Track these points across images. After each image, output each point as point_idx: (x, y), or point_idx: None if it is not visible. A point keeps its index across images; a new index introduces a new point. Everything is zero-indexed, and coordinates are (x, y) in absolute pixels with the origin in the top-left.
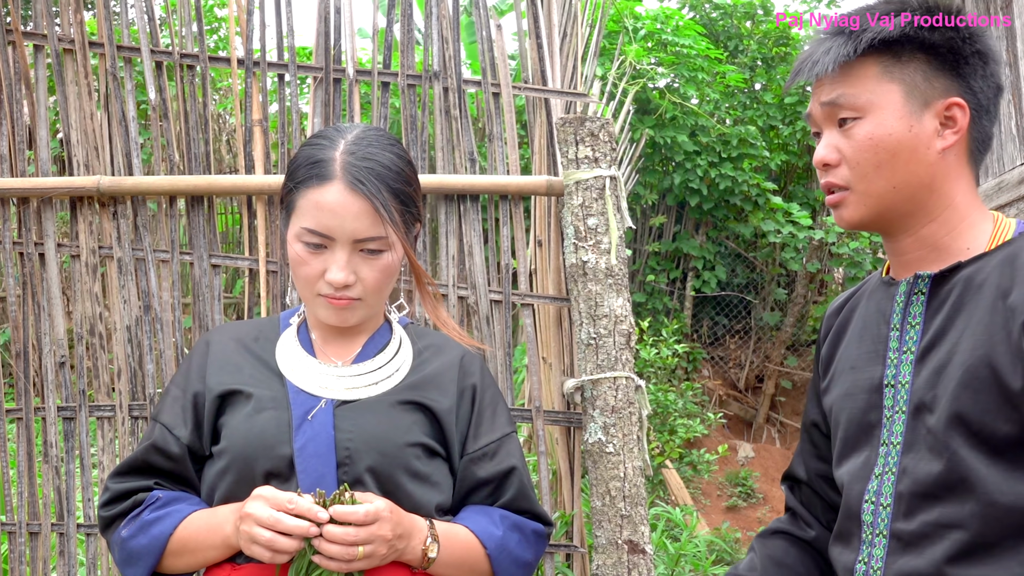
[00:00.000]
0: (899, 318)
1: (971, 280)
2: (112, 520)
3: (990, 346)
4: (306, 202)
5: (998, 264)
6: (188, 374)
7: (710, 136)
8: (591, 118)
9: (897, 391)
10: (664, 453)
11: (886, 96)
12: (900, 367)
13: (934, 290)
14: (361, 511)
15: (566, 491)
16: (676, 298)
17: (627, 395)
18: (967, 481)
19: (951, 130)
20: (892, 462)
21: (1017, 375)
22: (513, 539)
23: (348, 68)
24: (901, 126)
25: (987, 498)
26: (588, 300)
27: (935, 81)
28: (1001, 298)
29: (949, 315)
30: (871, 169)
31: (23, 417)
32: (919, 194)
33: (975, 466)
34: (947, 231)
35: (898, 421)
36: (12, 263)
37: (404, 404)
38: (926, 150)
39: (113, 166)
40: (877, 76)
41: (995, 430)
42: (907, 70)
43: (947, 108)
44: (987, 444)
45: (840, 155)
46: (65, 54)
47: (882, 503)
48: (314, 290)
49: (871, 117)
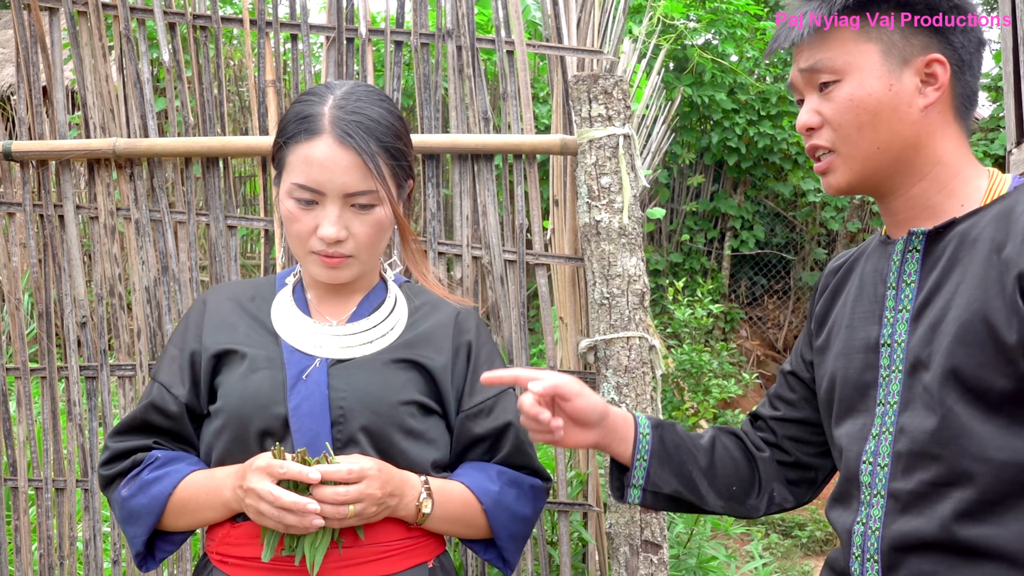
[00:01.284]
0: (895, 276)
1: (966, 235)
2: (112, 479)
3: (984, 301)
4: (296, 157)
5: (993, 218)
6: (185, 333)
7: (749, 94)
8: (604, 75)
9: (893, 350)
10: (698, 413)
11: (864, 57)
12: (896, 326)
13: (929, 247)
14: (344, 468)
15: (581, 450)
16: (714, 258)
17: (640, 355)
18: (963, 438)
19: (932, 87)
20: (889, 422)
21: (1012, 329)
22: (511, 494)
23: (361, 27)
24: (881, 85)
25: (983, 454)
26: (601, 260)
27: (913, 38)
28: (996, 252)
29: (944, 271)
30: (853, 130)
31: (47, 376)
32: (904, 153)
33: (970, 423)
34: (938, 189)
35: (895, 380)
36: (33, 225)
37: (398, 362)
38: (908, 108)
39: (129, 128)
40: (854, 37)
41: (991, 385)
42: (883, 29)
43: (927, 65)
44: (983, 400)
45: (822, 118)
46: (79, 16)
47: (880, 463)
48: (307, 247)
49: (850, 79)
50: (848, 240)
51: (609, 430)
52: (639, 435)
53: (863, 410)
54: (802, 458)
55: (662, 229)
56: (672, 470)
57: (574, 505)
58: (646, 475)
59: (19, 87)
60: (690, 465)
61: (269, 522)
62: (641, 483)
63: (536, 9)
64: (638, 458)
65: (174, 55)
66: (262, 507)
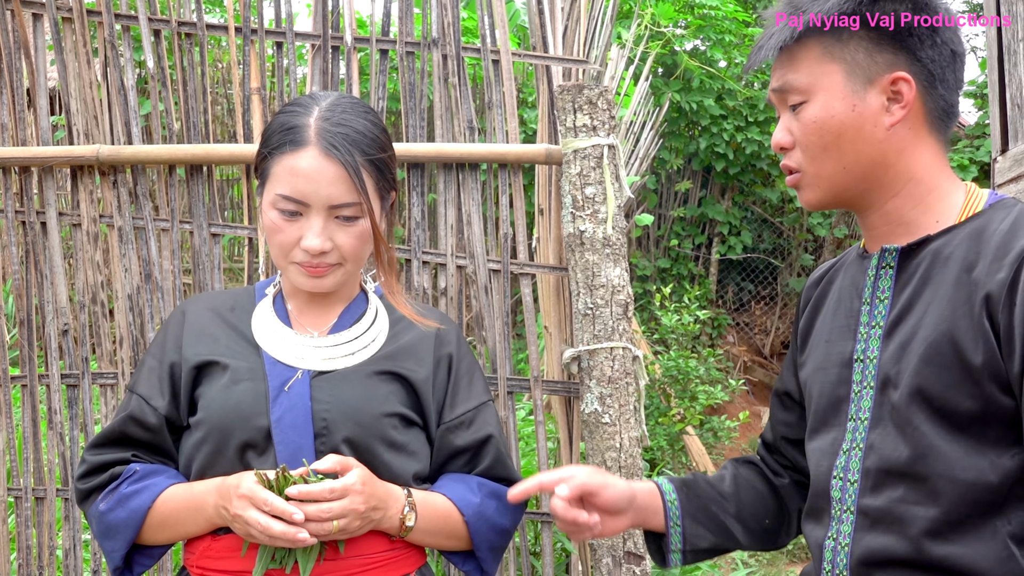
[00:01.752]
0: (869, 292)
1: (939, 253)
2: (89, 492)
3: (953, 321)
4: (281, 168)
5: (966, 237)
6: (164, 344)
7: (737, 100)
8: (589, 85)
9: (865, 366)
10: (685, 420)
11: (827, 77)
12: (869, 342)
13: (903, 264)
14: (327, 487)
15: (565, 461)
16: (701, 264)
17: (624, 365)
18: (929, 457)
19: (898, 105)
20: (859, 438)
21: (978, 351)
22: (491, 506)
23: (346, 35)
24: (844, 106)
25: (949, 474)
26: (585, 270)
27: (878, 56)
28: (966, 271)
29: (916, 289)
30: (819, 151)
31: (28, 384)
32: (873, 172)
33: (937, 442)
34: (913, 204)
35: (866, 396)
36: (14, 232)
37: (381, 374)
38: (872, 128)
39: (113, 135)
40: (818, 58)
41: (957, 406)
42: (848, 49)
43: (892, 83)
44: (949, 420)
45: (792, 138)
46: (64, 22)
47: (850, 479)
48: (289, 258)
49: (815, 99)
50: (835, 246)
51: (639, 509)
52: (667, 503)
53: (835, 425)
54: None
55: (650, 234)
56: (705, 525)
57: None
58: (682, 538)
59: (2, 92)
60: (721, 515)
61: (259, 541)
62: (680, 547)
63: (525, 15)
64: (671, 525)
65: (159, 62)
66: (252, 532)
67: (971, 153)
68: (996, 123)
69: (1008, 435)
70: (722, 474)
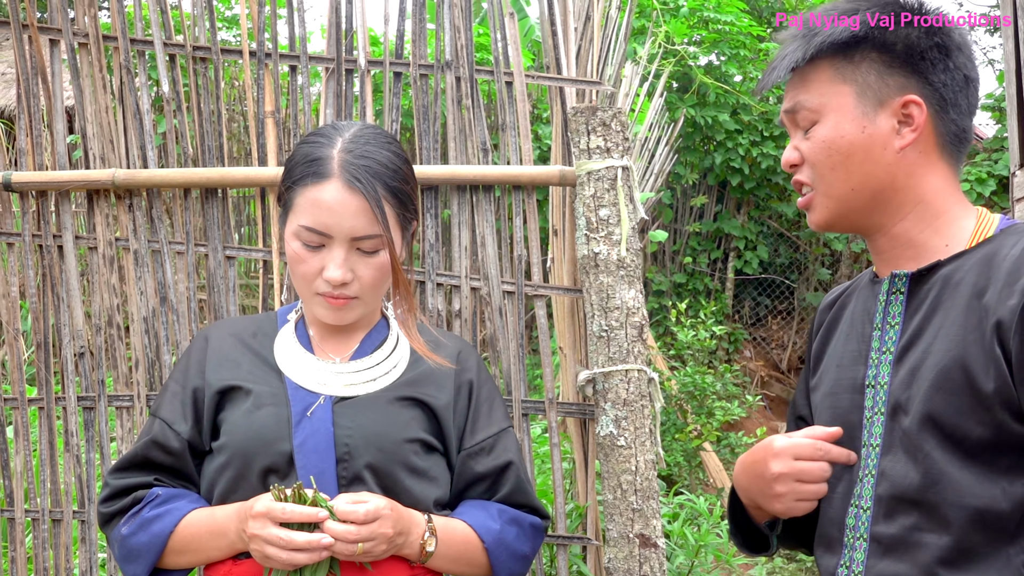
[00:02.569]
0: (880, 317)
1: (949, 279)
2: (112, 516)
3: (963, 347)
4: (304, 200)
5: (976, 263)
6: (187, 369)
7: (752, 115)
8: (603, 108)
9: (877, 392)
10: (702, 436)
11: (838, 98)
12: (880, 367)
13: (913, 289)
14: (361, 510)
15: (580, 483)
16: (717, 279)
17: (639, 388)
18: (941, 484)
19: (909, 128)
20: (872, 464)
21: (989, 377)
22: (511, 533)
23: (360, 58)
24: (854, 128)
25: (961, 501)
26: (600, 292)
27: (889, 79)
28: (977, 297)
29: (927, 314)
30: (828, 171)
31: (45, 407)
32: (881, 194)
33: (948, 469)
34: (922, 228)
35: (877, 423)
36: (31, 255)
37: (402, 400)
38: (882, 150)
39: (128, 159)
40: (830, 79)
41: (968, 432)
42: (860, 70)
43: (903, 106)
44: (960, 446)
45: (802, 156)
46: (80, 48)
47: (863, 506)
48: (312, 288)
49: (826, 120)
50: (852, 260)
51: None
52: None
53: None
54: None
55: (665, 250)
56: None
57: (573, 539)
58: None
59: (19, 117)
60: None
61: (277, 564)
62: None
63: (538, 30)
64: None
65: (173, 85)
66: (269, 551)
67: (989, 167)
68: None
69: (1020, 463)
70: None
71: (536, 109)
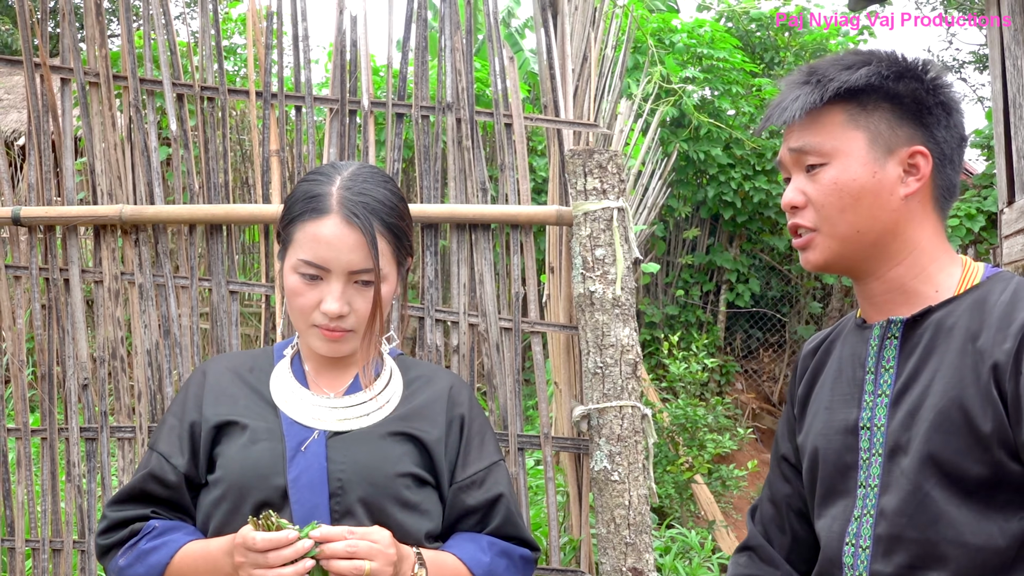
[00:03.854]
0: (873, 361)
1: (942, 324)
2: (109, 548)
3: (961, 389)
4: (303, 235)
5: (967, 308)
6: (185, 403)
7: (744, 149)
8: (599, 150)
9: (873, 433)
10: (693, 468)
11: (851, 143)
12: (875, 410)
13: (906, 333)
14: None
15: (574, 516)
16: (709, 311)
17: (633, 424)
18: (940, 522)
19: (914, 177)
20: (870, 504)
21: (987, 418)
22: (501, 565)
23: (363, 100)
24: (865, 172)
25: (959, 539)
26: (595, 330)
27: (899, 130)
28: (971, 341)
29: (921, 358)
30: (836, 212)
31: (47, 437)
32: (883, 238)
33: (947, 507)
34: (914, 275)
35: (875, 464)
36: (38, 288)
37: (395, 435)
38: (889, 196)
39: (135, 195)
40: (843, 124)
41: (966, 471)
42: (872, 119)
43: (911, 156)
44: (958, 485)
45: (807, 198)
46: (90, 87)
47: (861, 545)
48: (309, 320)
49: (836, 163)
50: (843, 294)
51: None
52: None
53: (844, 492)
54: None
55: (658, 282)
56: None
57: (567, 572)
58: None
59: (29, 152)
60: None
61: None
62: None
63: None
64: None
65: (181, 125)
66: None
67: (978, 203)
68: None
69: (1015, 499)
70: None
71: (531, 142)
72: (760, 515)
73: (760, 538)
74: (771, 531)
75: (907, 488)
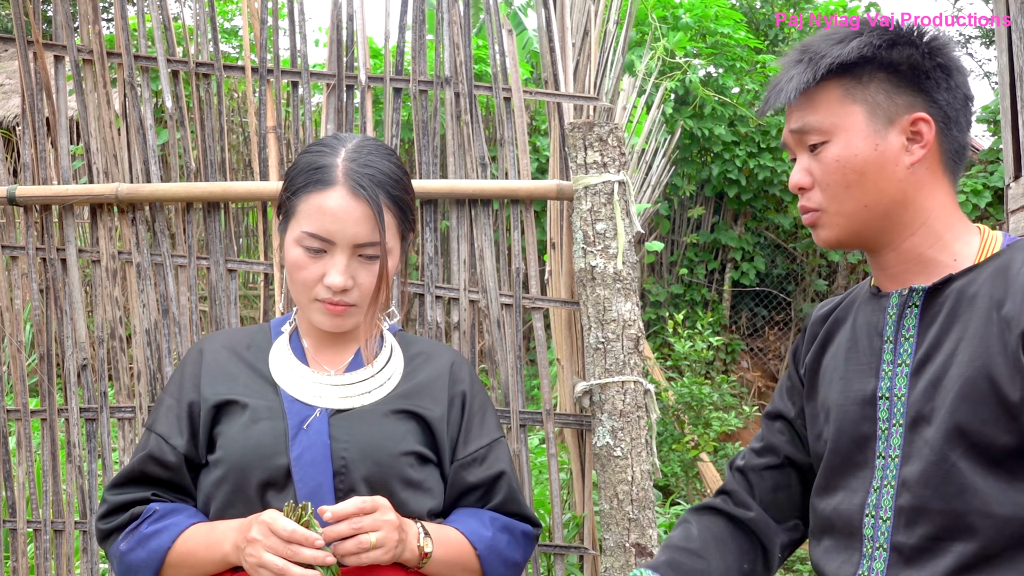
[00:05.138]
0: (892, 331)
1: (964, 292)
2: (110, 532)
3: (987, 357)
4: (307, 206)
5: (990, 275)
6: (182, 383)
7: (749, 126)
8: (599, 123)
9: (892, 403)
10: (699, 446)
11: (849, 118)
12: (895, 380)
13: (927, 302)
14: (357, 501)
15: (577, 493)
16: (715, 290)
17: (635, 399)
18: (965, 493)
19: (918, 144)
20: (891, 475)
21: (1016, 386)
22: (503, 540)
23: (360, 75)
24: (866, 146)
25: (985, 509)
26: (596, 305)
27: (897, 98)
28: (995, 309)
29: (943, 327)
30: (841, 190)
31: (47, 418)
32: (893, 210)
33: (972, 478)
34: (930, 244)
35: (895, 434)
36: (35, 268)
37: (397, 413)
38: (894, 167)
39: (131, 173)
40: (839, 99)
41: (993, 441)
42: (868, 90)
43: (912, 124)
44: (985, 455)
45: (812, 178)
46: (84, 64)
47: (882, 516)
48: (311, 295)
49: (837, 139)
50: (849, 271)
51: None
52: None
53: (862, 463)
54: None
55: (663, 261)
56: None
57: (570, 548)
58: None
59: (24, 131)
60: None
61: (261, 573)
62: None
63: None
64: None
65: (176, 101)
66: (267, 558)
67: (985, 178)
68: (1009, 150)
69: None
70: (686, 534)
71: (534, 121)
72: (744, 465)
73: (735, 484)
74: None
75: (931, 459)
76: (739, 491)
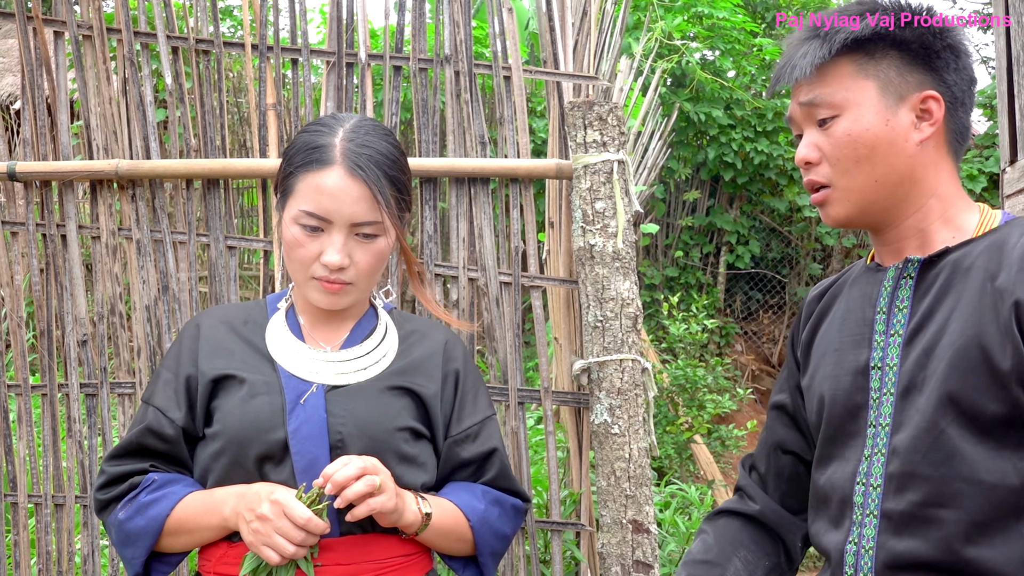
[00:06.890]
0: (886, 301)
1: (959, 264)
2: (108, 503)
3: (979, 327)
4: (305, 185)
5: (985, 249)
6: (179, 357)
7: (745, 110)
8: (599, 102)
9: (884, 373)
10: (693, 428)
11: (862, 93)
12: (887, 349)
13: (921, 274)
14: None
15: (575, 470)
16: (709, 273)
17: (633, 377)
18: (954, 459)
19: (927, 122)
20: (882, 443)
21: (1006, 355)
22: (494, 513)
23: (360, 52)
24: (878, 120)
25: (973, 476)
26: (595, 283)
27: (909, 76)
28: (989, 280)
29: (936, 297)
30: (851, 164)
31: (47, 393)
32: (901, 186)
33: (962, 445)
34: (932, 220)
35: (886, 403)
36: (35, 244)
37: (393, 389)
38: (904, 143)
39: (131, 150)
40: (852, 74)
41: (983, 409)
42: (881, 67)
43: (922, 101)
44: (975, 423)
45: (821, 153)
46: (84, 40)
47: (872, 484)
48: (308, 272)
49: (848, 114)
50: (843, 255)
51: None
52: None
53: (854, 432)
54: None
55: (658, 243)
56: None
57: (567, 524)
58: None
59: (24, 108)
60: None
61: (268, 551)
62: None
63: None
64: None
65: (176, 78)
66: (265, 537)
67: (980, 164)
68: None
69: None
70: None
71: (531, 103)
72: (754, 460)
73: (748, 479)
74: (766, 475)
75: (922, 425)
76: (752, 486)
